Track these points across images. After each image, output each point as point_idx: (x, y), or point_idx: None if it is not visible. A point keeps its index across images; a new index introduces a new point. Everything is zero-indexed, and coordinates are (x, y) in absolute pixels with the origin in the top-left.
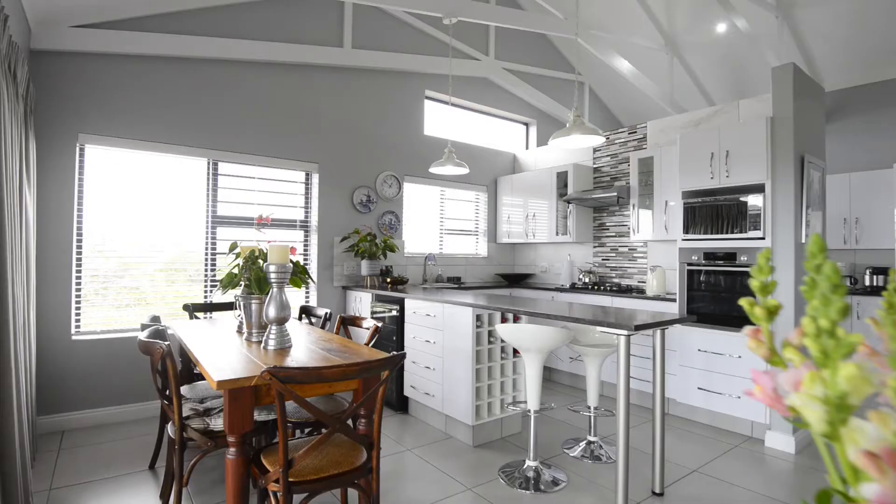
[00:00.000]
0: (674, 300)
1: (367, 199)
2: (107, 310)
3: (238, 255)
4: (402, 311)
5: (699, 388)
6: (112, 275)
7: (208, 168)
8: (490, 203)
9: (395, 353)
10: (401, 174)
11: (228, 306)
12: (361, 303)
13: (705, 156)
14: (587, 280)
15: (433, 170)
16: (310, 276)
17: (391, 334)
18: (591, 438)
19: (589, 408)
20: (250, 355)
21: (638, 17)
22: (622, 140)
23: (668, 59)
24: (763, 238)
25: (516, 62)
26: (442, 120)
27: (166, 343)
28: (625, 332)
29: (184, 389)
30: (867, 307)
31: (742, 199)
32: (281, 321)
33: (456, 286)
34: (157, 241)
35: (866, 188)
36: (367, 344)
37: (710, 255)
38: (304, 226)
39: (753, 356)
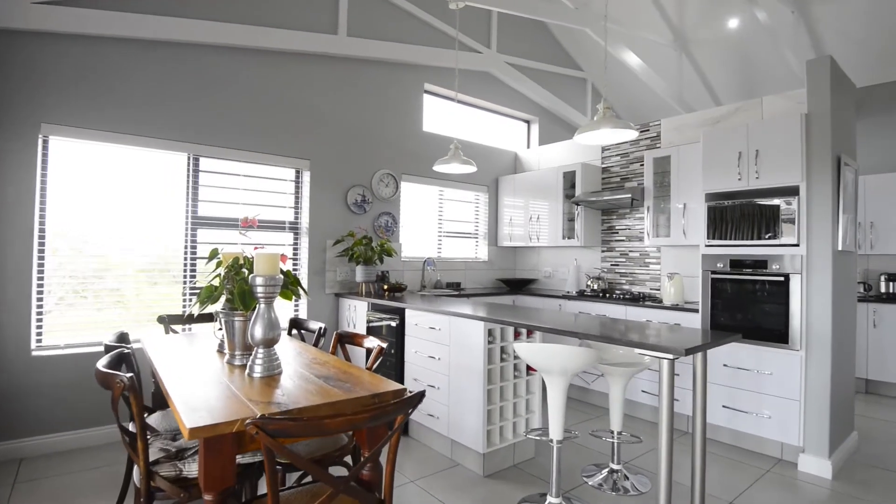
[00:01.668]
0: (695, 311)
1: (363, 199)
2: (76, 318)
3: (219, 264)
4: (401, 322)
5: (723, 406)
6: (78, 284)
7: (188, 164)
8: (491, 204)
9: (412, 392)
10: (398, 173)
11: (210, 317)
12: (356, 312)
13: (732, 155)
14: (595, 287)
15: (438, 168)
16: (302, 288)
17: (389, 347)
18: (615, 466)
19: (612, 433)
20: (232, 386)
21: (647, 10)
22: (626, 140)
23: (676, 56)
24: (797, 245)
25: (519, 56)
26: (441, 116)
27: (128, 375)
28: (671, 357)
29: (154, 418)
30: (884, 314)
31: (774, 202)
32: (269, 343)
33: (456, 293)
34: (132, 244)
35: (882, 191)
36: (369, 368)
37: (738, 263)
38: (294, 228)
39: (784, 372)
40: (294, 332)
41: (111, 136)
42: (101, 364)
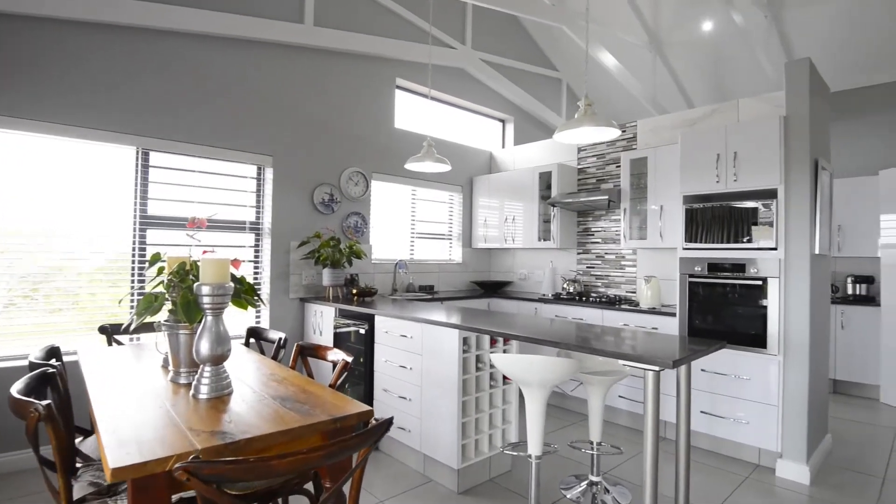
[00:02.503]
0: (672, 314)
1: (330, 198)
2: (22, 324)
3: (160, 270)
4: (371, 328)
5: (702, 412)
6: (28, 287)
7: (137, 158)
8: (465, 204)
9: (378, 420)
10: (368, 171)
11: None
12: (323, 318)
13: (710, 157)
14: (571, 290)
15: (411, 166)
16: (259, 297)
17: (358, 355)
18: (594, 479)
19: (592, 443)
20: (173, 410)
21: (623, 11)
22: (607, 140)
23: (651, 58)
24: (775, 248)
25: (494, 54)
26: (414, 112)
27: (44, 403)
28: (657, 369)
29: (89, 443)
30: (851, 316)
31: (752, 204)
32: (217, 360)
33: (429, 296)
34: (82, 244)
35: (850, 195)
36: (332, 385)
37: (715, 266)
38: (256, 228)
39: (762, 377)
40: (252, 341)
41: (46, 127)
42: (16, 389)
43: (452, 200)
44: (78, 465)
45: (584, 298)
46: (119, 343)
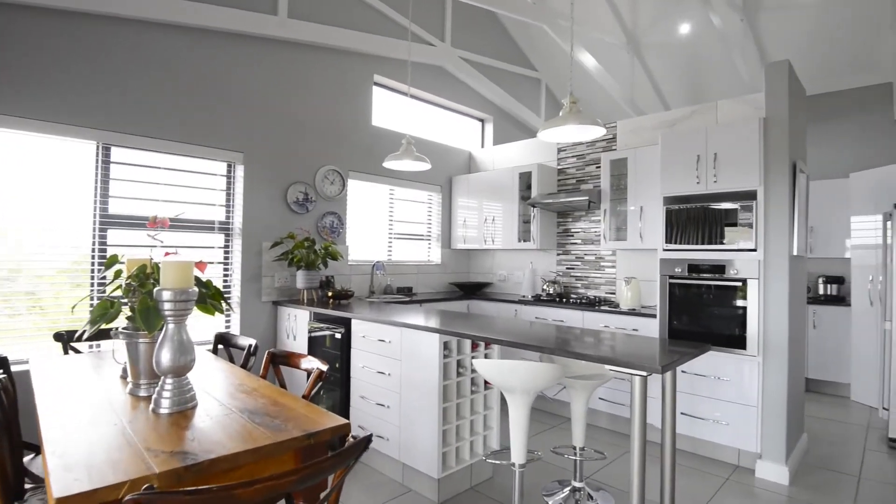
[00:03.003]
0: (653, 315)
1: (305, 197)
2: None
3: (118, 274)
4: (347, 332)
5: (682, 413)
6: None
7: (97, 154)
8: (444, 205)
9: (356, 437)
10: (345, 169)
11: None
12: (296, 321)
13: (691, 158)
14: (551, 291)
15: (389, 164)
16: (226, 302)
17: (334, 361)
18: (577, 484)
19: (574, 448)
20: (130, 428)
21: (603, 12)
22: (590, 139)
23: (629, 59)
24: (755, 250)
25: (473, 52)
26: (392, 110)
27: None
28: (646, 374)
29: (38, 462)
30: (823, 316)
31: (731, 206)
32: (179, 371)
33: (407, 298)
34: (30, 247)
35: (822, 197)
36: (306, 396)
37: (695, 268)
38: (225, 228)
39: (741, 378)
40: (221, 348)
41: (1, 120)
42: None
43: (431, 200)
44: (28, 485)
45: (564, 300)
46: (77, 351)
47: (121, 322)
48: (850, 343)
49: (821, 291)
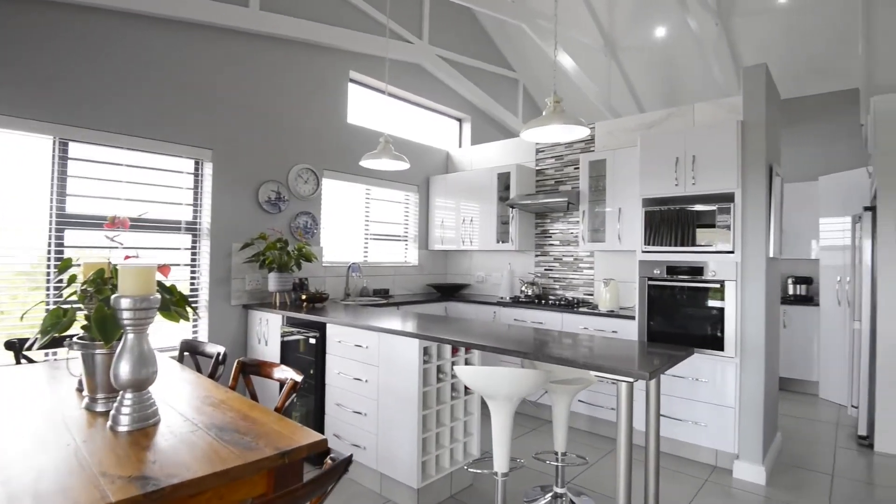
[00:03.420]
0: (631, 317)
1: (277, 196)
2: None
3: (73, 278)
4: (322, 337)
5: (661, 415)
6: None
7: (54, 149)
8: (422, 205)
9: (336, 457)
10: (319, 168)
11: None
12: (268, 326)
13: (670, 160)
14: (530, 292)
15: (366, 163)
16: (192, 308)
17: (308, 366)
18: (559, 490)
19: (556, 454)
20: (84, 450)
21: (580, 13)
22: (572, 140)
23: (606, 61)
24: (732, 252)
25: (451, 51)
26: (368, 108)
27: None
28: (632, 380)
29: None
30: (792, 315)
31: (709, 208)
32: (139, 385)
33: (384, 300)
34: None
35: (791, 200)
36: (279, 409)
37: (674, 269)
38: (192, 229)
39: (719, 379)
40: (187, 356)
41: None
42: None
43: (408, 200)
44: None
45: (542, 301)
46: (30, 360)
47: (77, 330)
48: (819, 342)
49: (790, 292)
